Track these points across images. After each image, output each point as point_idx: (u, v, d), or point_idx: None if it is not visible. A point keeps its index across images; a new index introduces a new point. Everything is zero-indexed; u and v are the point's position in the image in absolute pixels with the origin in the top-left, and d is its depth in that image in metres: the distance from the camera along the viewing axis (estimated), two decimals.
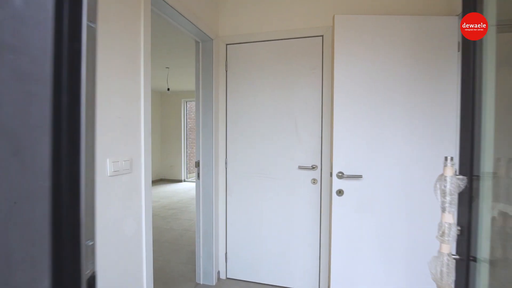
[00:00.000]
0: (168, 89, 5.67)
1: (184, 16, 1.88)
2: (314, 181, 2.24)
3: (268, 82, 2.32)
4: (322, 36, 2.20)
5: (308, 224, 2.26)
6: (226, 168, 2.45)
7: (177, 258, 2.97)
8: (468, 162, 1.02)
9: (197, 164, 2.39)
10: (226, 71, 2.42)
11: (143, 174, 1.51)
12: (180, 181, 7.64)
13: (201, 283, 2.41)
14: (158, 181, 7.68)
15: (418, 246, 1.76)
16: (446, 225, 1.00)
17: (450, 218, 1.01)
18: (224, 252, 2.47)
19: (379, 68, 1.78)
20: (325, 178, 2.22)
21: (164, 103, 7.77)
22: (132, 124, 1.44)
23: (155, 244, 3.31)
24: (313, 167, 2.23)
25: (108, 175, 1.29)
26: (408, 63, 1.75)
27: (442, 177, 1.02)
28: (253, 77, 2.35)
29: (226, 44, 2.41)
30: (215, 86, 2.35)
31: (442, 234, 1.00)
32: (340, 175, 1.81)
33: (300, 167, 2.26)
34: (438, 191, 1.04)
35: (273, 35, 2.29)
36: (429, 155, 1.74)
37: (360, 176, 1.79)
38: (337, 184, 1.83)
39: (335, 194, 1.84)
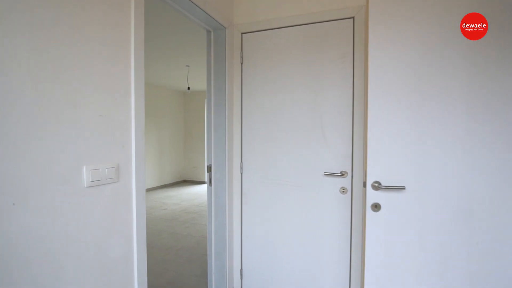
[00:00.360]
0: (188, 88, 5.52)
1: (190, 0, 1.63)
2: (343, 190, 1.89)
3: (289, 75, 2.01)
4: (353, 17, 1.84)
5: (336, 240, 1.92)
6: (241, 174, 2.17)
7: (191, 269, 2.75)
8: None
9: (209, 169, 2.13)
10: (242, 63, 2.14)
11: (134, 183, 1.26)
12: (203, 182, 7.51)
13: None
14: (181, 182, 7.61)
15: None
16: None
17: None
18: (239, 268, 2.19)
19: (429, 51, 1.40)
20: (357, 187, 1.86)
21: (187, 103, 7.69)
22: (119, 124, 1.20)
23: (171, 252, 3.12)
24: (342, 174, 1.89)
25: (85, 185, 1.05)
26: (468, 43, 1.36)
27: None
28: (272, 69, 2.05)
29: (242, 33, 2.13)
30: (228, 80, 2.08)
31: None
32: (376, 186, 1.46)
33: (327, 174, 1.92)
34: None
35: (295, 20, 1.98)
36: (500, 164, 1.33)
37: (402, 188, 1.43)
38: (373, 196, 1.48)
39: (369, 208, 1.49)
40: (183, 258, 2.98)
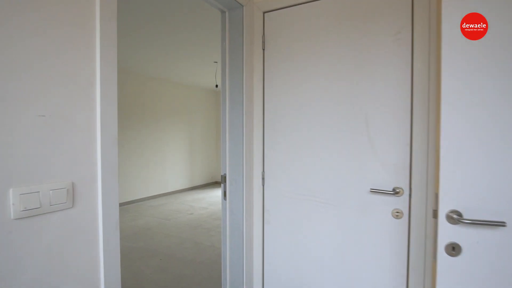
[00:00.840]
0: (217, 86, 5.24)
1: None
2: (397, 213, 1.40)
3: (324, 62, 1.56)
4: None
5: (387, 282, 1.43)
6: (263, 186, 1.76)
7: None
8: None
9: (224, 179, 1.75)
10: (263, 49, 1.73)
11: (100, 208, 0.92)
12: None
13: None
14: (213, 184, 7.40)
15: None
16: None
17: None
18: None
19: None
20: (418, 210, 1.36)
21: (219, 102, 7.46)
22: (76, 128, 0.86)
23: (190, 266, 2.81)
24: (396, 192, 1.39)
25: (13, 217, 0.72)
26: None
27: None
28: (302, 55, 1.61)
29: (263, 12, 1.72)
30: (246, 70, 1.68)
31: None
32: (455, 218, 0.96)
33: (374, 191, 1.44)
34: None
35: None
36: None
37: (500, 224, 0.91)
38: (448, 232, 0.98)
39: (443, 250, 0.99)
40: (202, 274, 2.66)
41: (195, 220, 4.35)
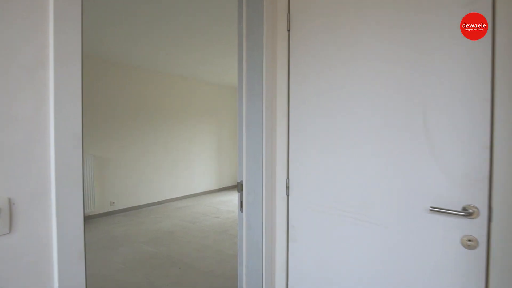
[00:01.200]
0: None
1: None
2: (469, 242, 1.02)
3: (366, 41, 1.21)
4: None
5: None
6: (287, 196, 1.45)
7: None
8: None
9: (240, 187, 1.48)
10: (289, 30, 1.42)
11: (55, 232, 0.67)
12: None
13: None
14: None
15: None
16: None
17: None
18: None
19: None
20: (503, 240, 0.97)
21: None
22: (14, 123, 0.62)
23: (209, 279, 2.57)
24: (468, 213, 1.01)
25: None
26: None
27: None
28: (337, 36, 1.29)
29: None
30: (267, 56, 1.39)
31: None
32: None
33: (435, 210, 1.07)
34: None
35: None
36: None
37: None
38: None
39: None
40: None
41: (221, 224, 4.13)
